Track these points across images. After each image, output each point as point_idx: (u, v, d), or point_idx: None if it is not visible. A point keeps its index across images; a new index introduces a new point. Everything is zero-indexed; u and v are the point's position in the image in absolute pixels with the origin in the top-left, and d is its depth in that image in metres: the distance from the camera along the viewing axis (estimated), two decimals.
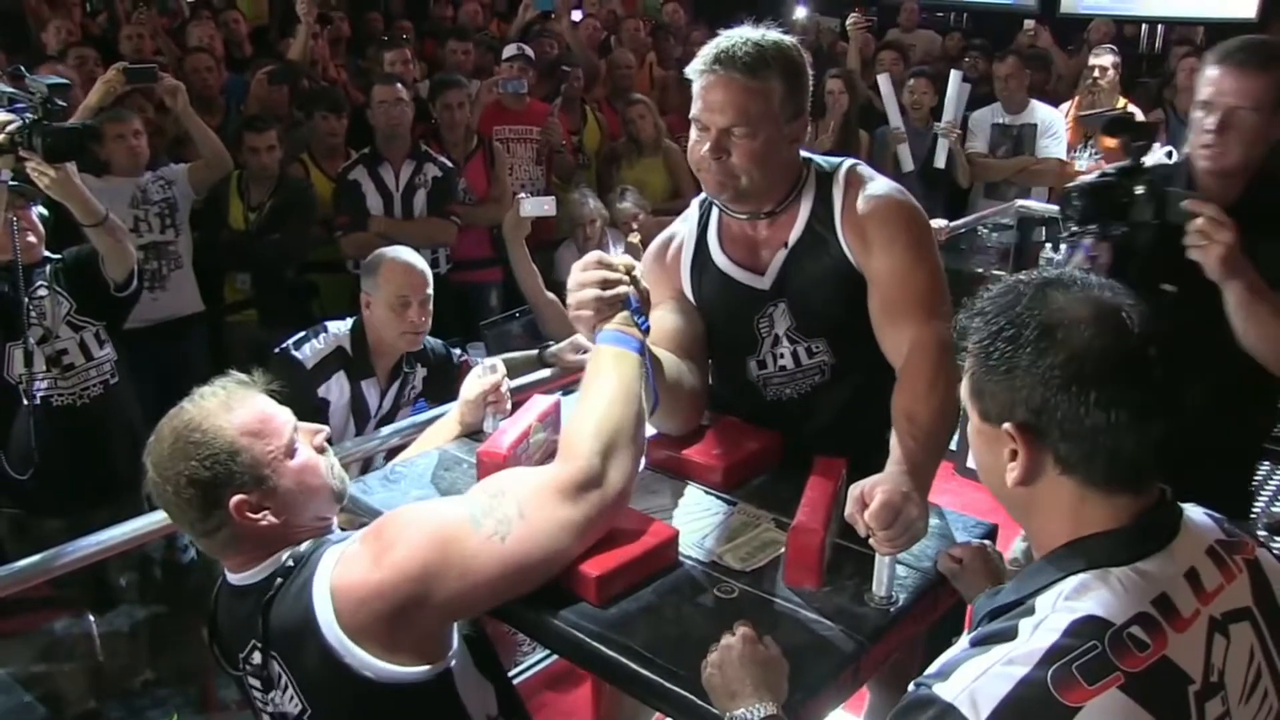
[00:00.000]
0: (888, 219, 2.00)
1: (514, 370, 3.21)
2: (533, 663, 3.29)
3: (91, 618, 3.43)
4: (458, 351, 3.28)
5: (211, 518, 1.61)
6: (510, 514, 1.55)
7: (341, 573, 1.55)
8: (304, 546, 1.65)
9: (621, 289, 1.81)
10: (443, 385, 3.23)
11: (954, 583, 1.73)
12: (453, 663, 1.61)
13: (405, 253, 3.10)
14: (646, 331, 1.84)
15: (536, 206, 3.80)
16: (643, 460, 2.05)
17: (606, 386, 1.70)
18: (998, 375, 1.20)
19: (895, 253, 1.97)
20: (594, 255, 1.84)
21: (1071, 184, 2.31)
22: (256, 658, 1.64)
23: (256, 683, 1.67)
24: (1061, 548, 1.22)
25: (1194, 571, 1.21)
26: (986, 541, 1.79)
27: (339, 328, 3.04)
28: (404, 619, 1.52)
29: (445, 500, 1.63)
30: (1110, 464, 1.18)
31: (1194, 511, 1.30)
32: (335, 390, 3.01)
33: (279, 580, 1.61)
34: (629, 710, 2.37)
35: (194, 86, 4.99)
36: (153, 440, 1.64)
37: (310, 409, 2.95)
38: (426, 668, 1.56)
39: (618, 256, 1.85)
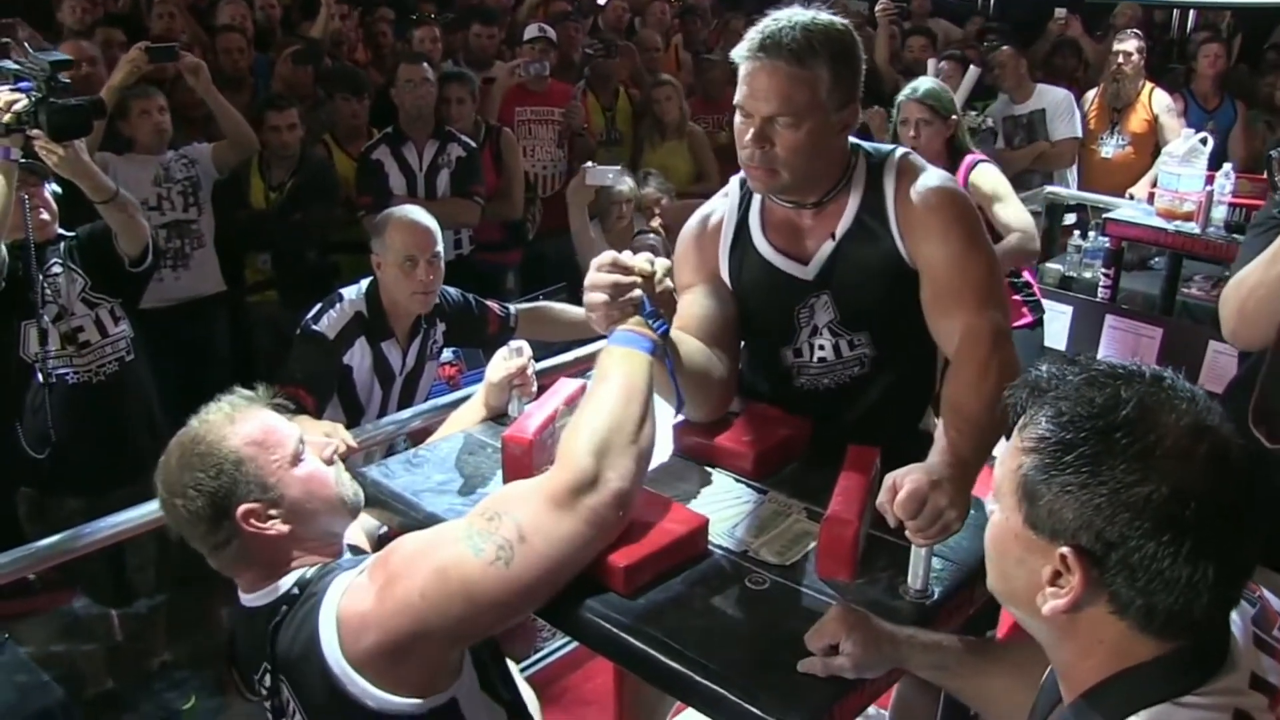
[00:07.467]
0: (942, 209, 1.96)
1: (566, 328, 3.24)
2: (553, 649, 3.26)
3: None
4: (474, 298, 3.26)
5: (221, 529, 1.63)
6: (510, 537, 1.49)
7: (347, 602, 1.54)
8: (311, 573, 1.64)
9: (635, 294, 1.73)
10: (468, 333, 3.26)
11: (845, 674, 1.45)
12: (460, 692, 1.58)
13: (412, 211, 3.07)
14: (665, 334, 1.77)
15: (601, 176, 3.78)
16: (670, 450, 2.02)
17: (608, 387, 1.64)
18: (1066, 487, 1.03)
19: (950, 242, 1.93)
20: (609, 256, 1.76)
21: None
22: (268, 681, 1.64)
23: (269, 706, 1.67)
24: (1103, 685, 1.08)
25: (1254, 676, 1.08)
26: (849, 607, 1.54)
27: (354, 293, 3.02)
28: (406, 651, 1.49)
29: (447, 526, 1.58)
30: (1171, 618, 1.03)
31: None
32: (358, 355, 3.01)
33: (284, 607, 1.61)
34: (651, 697, 2.35)
35: (224, 67, 4.96)
36: (162, 459, 1.67)
37: (335, 376, 2.97)
38: (429, 699, 1.53)
39: (635, 259, 1.76)
